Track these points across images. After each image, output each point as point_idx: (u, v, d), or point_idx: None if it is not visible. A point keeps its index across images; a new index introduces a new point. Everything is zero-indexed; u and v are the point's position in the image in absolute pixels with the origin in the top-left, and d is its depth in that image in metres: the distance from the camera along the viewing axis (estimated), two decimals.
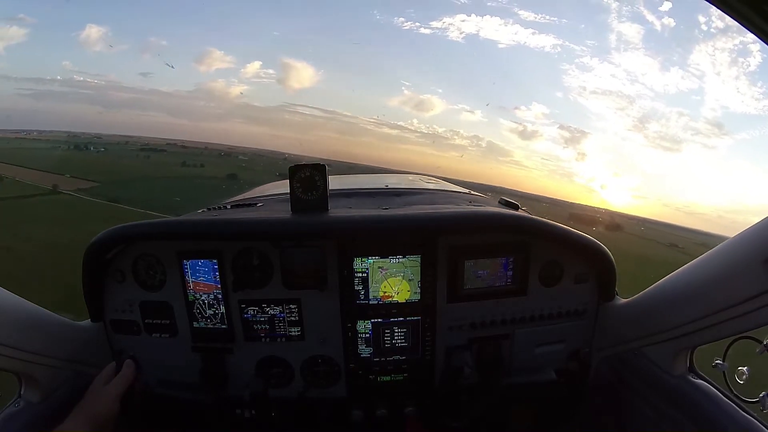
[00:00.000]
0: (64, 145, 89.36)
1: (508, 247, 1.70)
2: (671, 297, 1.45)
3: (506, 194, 1.98)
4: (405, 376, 1.79)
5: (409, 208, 1.74)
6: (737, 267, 1.16)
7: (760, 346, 1.21)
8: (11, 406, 1.38)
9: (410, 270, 1.68)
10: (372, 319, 1.71)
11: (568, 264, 1.74)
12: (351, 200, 1.96)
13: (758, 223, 1.11)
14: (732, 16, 0.74)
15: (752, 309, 1.10)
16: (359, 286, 1.68)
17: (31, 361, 1.37)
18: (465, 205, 1.93)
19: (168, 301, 1.68)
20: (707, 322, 1.26)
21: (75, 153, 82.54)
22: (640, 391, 1.59)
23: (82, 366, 1.58)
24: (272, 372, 1.75)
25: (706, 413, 1.34)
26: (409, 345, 1.75)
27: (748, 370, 1.30)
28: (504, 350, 1.78)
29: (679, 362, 1.46)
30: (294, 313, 1.69)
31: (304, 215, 1.60)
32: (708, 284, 1.27)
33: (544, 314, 1.76)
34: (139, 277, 1.67)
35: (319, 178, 1.61)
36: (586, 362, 1.64)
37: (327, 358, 1.74)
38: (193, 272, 1.64)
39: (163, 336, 1.71)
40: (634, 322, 1.64)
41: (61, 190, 49.36)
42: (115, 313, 1.69)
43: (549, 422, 1.89)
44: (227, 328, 1.69)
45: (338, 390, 1.79)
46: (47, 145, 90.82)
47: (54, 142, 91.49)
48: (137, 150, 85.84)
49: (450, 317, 1.73)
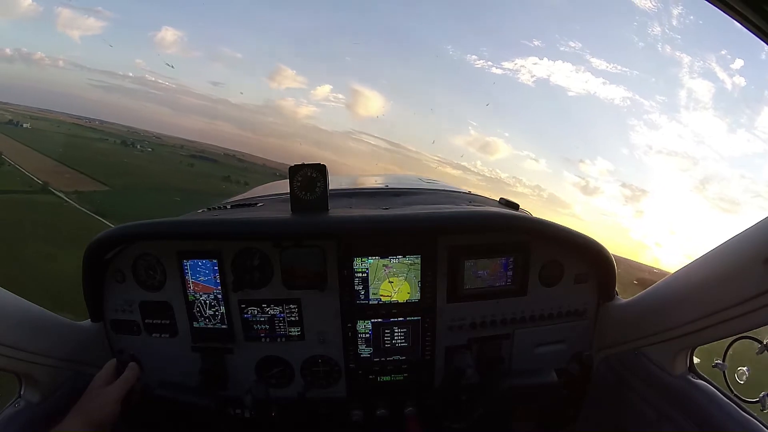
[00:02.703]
0: (112, 138, 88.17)
1: (508, 247, 1.69)
2: (671, 297, 1.45)
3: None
4: (405, 376, 1.79)
5: (409, 208, 1.73)
6: (737, 267, 1.16)
7: (760, 346, 1.22)
8: (11, 406, 1.38)
9: (410, 270, 1.68)
10: (372, 319, 1.71)
11: (568, 264, 1.74)
12: (351, 200, 1.96)
13: (758, 223, 1.11)
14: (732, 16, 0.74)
15: (752, 309, 1.10)
16: (359, 286, 1.68)
17: (31, 361, 1.37)
18: (465, 205, 1.93)
19: (168, 301, 1.68)
20: (707, 322, 1.26)
21: (118, 147, 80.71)
22: (641, 391, 1.59)
23: (82, 366, 1.58)
24: (272, 372, 1.75)
25: (706, 413, 1.34)
26: (409, 345, 1.75)
27: (748, 370, 1.30)
28: (504, 350, 1.78)
29: (679, 362, 1.46)
30: (294, 313, 1.69)
31: (304, 215, 1.60)
32: (708, 284, 1.27)
33: (544, 314, 1.76)
34: (139, 277, 1.67)
35: (319, 178, 1.61)
36: (588, 365, 1.64)
37: (327, 358, 1.74)
38: (193, 272, 1.64)
39: (163, 336, 1.71)
40: (634, 322, 1.64)
41: (51, 190, 47.21)
42: (115, 313, 1.69)
43: (549, 422, 1.89)
44: (227, 328, 1.69)
45: (338, 390, 1.79)
46: (95, 135, 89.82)
47: (105, 134, 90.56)
48: (187, 156, 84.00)
49: (450, 317, 1.73)
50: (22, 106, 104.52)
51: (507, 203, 2.05)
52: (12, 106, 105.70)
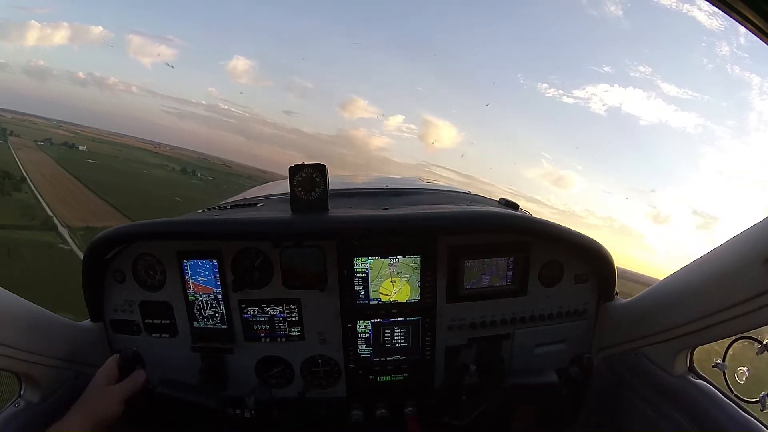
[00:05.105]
0: (171, 165, 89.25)
1: (508, 247, 1.69)
2: (671, 297, 1.45)
3: (636, 280, 1.92)
4: (405, 376, 1.79)
5: (409, 208, 1.73)
6: (737, 267, 1.16)
7: (759, 346, 1.22)
8: (11, 406, 1.38)
9: (410, 270, 1.67)
10: (372, 319, 1.71)
11: (568, 264, 1.74)
12: (351, 200, 1.96)
13: (758, 223, 1.11)
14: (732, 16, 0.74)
15: (752, 309, 1.10)
16: (359, 286, 1.68)
17: (31, 361, 1.37)
18: (465, 205, 1.93)
19: (168, 301, 1.68)
20: (707, 322, 1.26)
21: (175, 175, 79.85)
22: (641, 391, 1.59)
23: (82, 366, 1.57)
24: (272, 372, 1.75)
25: (706, 413, 1.34)
26: (409, 345, 1.75)
27: (748, 370, 1.30)
28: (504, 350, 1.78)
29: (679, 362, 1.46)
30: (294, 313, 1.69)
31: (304, 215, 1.60)
32: (708, 284, 1.27)
33: (544, 314, 1.76)
34: (139, 277, 1.67)
35: (320, 177, 1.61)
36: (589, 368, 1.65)
37: (327, 358, 1.74)
38: (193, 272, 1.64)
39: (163, 336, 1.71)
40: (634, 322, 1.64)
41: (57, 223, 41.37)
42: (115, 313, 1.69)
43: (549, 422, 1.89)
44: (227, 328, 1.69)
45: (338, 390, 1.79)
46: (156, 160, 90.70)
47: (169, 159, 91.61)
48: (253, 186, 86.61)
49: (450, 317, 1.73)
50: (92, 128, 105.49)
51: (507, 203, 2.05)
52: (81, 128, 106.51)
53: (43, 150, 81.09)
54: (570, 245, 1.66)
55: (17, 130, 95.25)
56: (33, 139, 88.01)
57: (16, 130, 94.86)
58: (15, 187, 51.88)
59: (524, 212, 1.93)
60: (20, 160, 70.89)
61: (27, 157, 74.12)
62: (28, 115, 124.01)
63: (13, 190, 51.10)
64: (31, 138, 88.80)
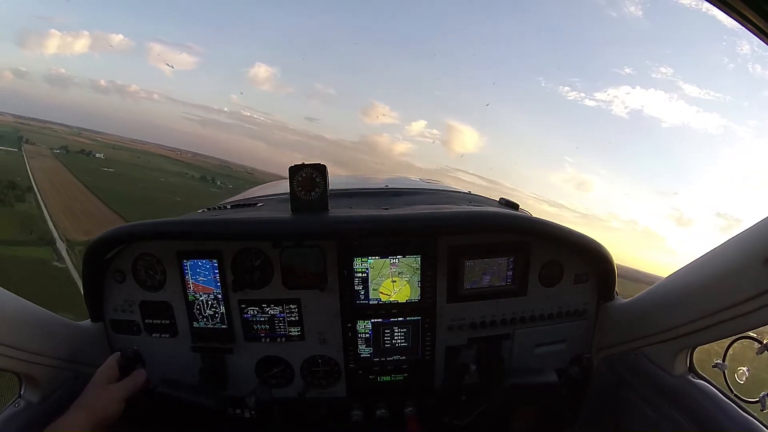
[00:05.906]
0: (191, 173, 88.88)
1: (508, 247, 1.69)
2: (671, 297, 1.45)
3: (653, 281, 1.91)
4: (405, 376, 1.79)
5: (409, 208, 1.73)
6: (737, 267, 1.16)
7: (759, 346, 1.22)
8: (11, 406, 1.38)
9: (410, 270, 1.67)
10: (372, 319, 1.71)
11: (568, 264, 1.74)
12: (351, 200, 1.96)
13: (758, 222, 1.11)
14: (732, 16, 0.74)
15: (752, 309, 1.10)
16: (359, 286, 1.68)
17: (31, 361, 1.37)
18: (465, 205, 1.93)
19: (168, 301, 1.68)
20: (707, 322, 1.26)
21: (194, 183, 79.00)
22: (641, 391, 1.59)
23: (82, 366, 1.57)
24: (272, 372, 1.75)
25: (706, 413, 1.34)
26: (409, 345, 1.75)
27: (748, 370, 1.30)
28: (504, 350, 1.78)
29: (679, 362, 1.47)
30: (294, 313, 1.69)
31: (304, 215, 1.60)
32: (708, 284, 1.27)
33: (544, 314, 1.76)
34: (139, 277, 1.67)
35: (320, 177, 1.61)
36: (589, 368, 1.65)
37: (327, 358, 1.74)
38: (193, 272, 1.64)
39: (163, 336, 1.71)
40: (634, 322, 1.64)
41: (57, 237, 37.78)
42: (115, 313, 1.69)
43: (549, 422, 1.89)
44: (227, 328, 1.69)
45: (338, 390, 1.79)
46: (176, 167, 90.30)
47: (189, 167, 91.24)
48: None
49: (450, 317, 1.73)
50: (113, 135, 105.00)
51: (507, 203, 2.05)
52: (102, 135, 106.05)
53: (58, 158, 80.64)
54: (570, 245, 1.66)
55: (35, 137, 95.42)
56: (49, 147, 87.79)
57: (33, 137, 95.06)
58: (18, 197, 50.61)
59: (524, 212, 1.93)
60: (31, 169, 70.64)
61: (39, 165, 73.92)
62: (50, 123, 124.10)
63: (16, 200, 49.82)
64: (48, 146, 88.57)
